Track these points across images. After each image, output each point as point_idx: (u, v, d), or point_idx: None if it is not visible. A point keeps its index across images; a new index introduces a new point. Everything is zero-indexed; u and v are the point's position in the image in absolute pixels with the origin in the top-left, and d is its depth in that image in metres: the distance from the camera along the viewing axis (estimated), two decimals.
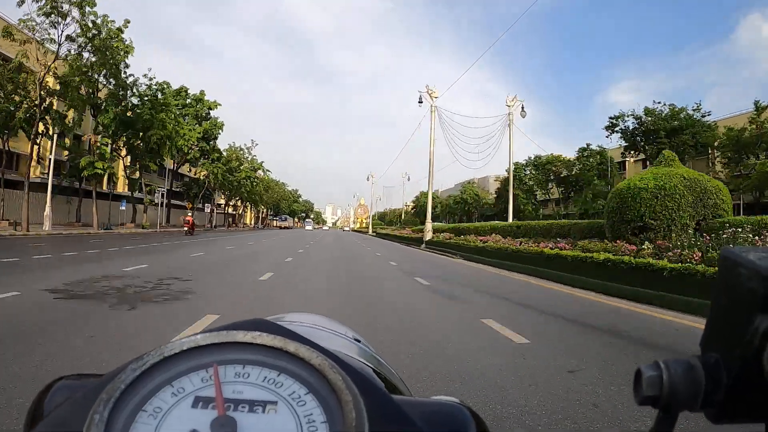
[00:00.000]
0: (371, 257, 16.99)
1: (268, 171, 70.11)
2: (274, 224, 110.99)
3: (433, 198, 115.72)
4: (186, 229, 31.28)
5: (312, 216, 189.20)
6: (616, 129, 42.61)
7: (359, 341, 0.60)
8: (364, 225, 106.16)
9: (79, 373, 0.34)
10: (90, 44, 23.82)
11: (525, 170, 59.76)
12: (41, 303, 5.17)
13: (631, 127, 39.60)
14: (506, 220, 27.34)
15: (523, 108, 26.86)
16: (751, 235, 8.25)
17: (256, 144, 67.73)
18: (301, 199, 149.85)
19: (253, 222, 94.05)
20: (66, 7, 22.06)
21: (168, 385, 0.28)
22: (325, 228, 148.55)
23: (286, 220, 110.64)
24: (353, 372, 0.29)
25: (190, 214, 34.89)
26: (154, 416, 0.26)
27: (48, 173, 25.84)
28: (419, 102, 27.51)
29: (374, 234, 60.28)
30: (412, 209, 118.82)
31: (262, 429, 0.26)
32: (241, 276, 8.98)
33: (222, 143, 60.02)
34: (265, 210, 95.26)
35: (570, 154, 56.13)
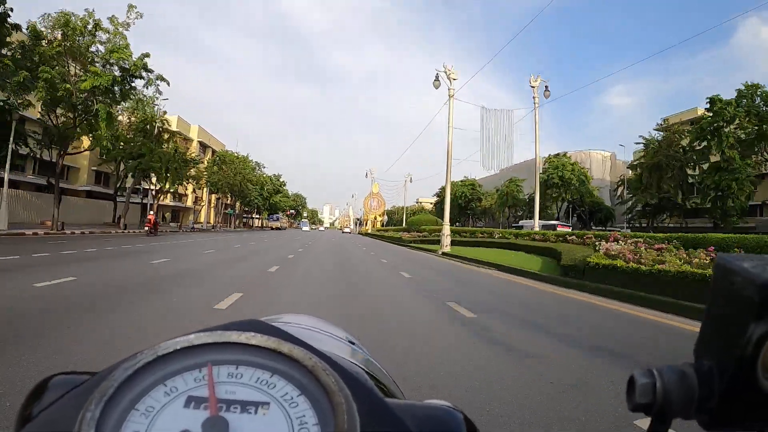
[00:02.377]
0: None
1: (160, 80, 23.80)
2: (254, 224, 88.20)
3: (473, 187, 77.39)
4: (147, 228, 25.09)
5: (306, 214, 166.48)
6: None
7: (353, 343, 0.60)
8: (379, 226, 74.60)
9: (71, 371, 0.34)
10: None
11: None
12: None
13: None
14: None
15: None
16: None
17: (138, 14, 22.85)
18: (287, 191, 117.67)
19: (209, 221, 61.00)
20: None
21: (161, 384, 0.28)
22: (321, 229, 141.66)
23: (278, 219, 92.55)
24: (346, 374, 0.29)
25: (152, 212, 27.48)
26: (146, 415, 0.26)
27: None
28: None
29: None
30: (434, 204, 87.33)
31: (254, 430, 0.26)
32: None
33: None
34: (229, 199, 62.60)
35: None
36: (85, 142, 27.68)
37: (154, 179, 34.69)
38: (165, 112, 35.14)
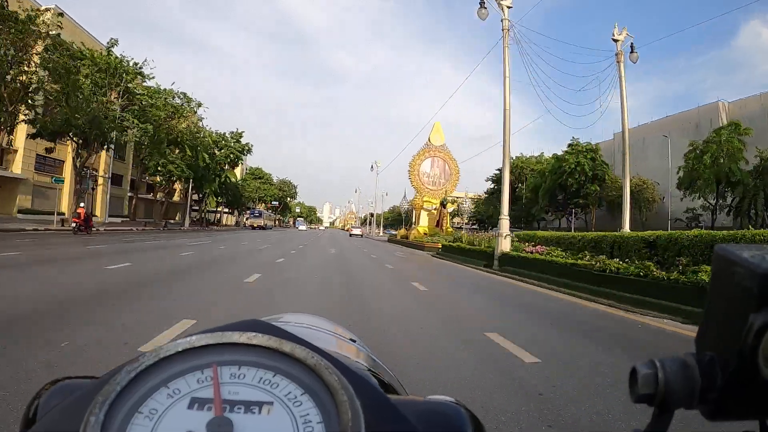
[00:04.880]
0: None
1: None
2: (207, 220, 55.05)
3: (594, 158, 43.60)
4: (75, 224, 18.54)
5: (300, 210, 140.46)
6: None
7: (355, 341, 0.61)
8: (449, 227, 32.26)
9: (75, 375, 0.34)
10: None
11: None
12: None
13: None
14: None
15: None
16: None
17: None
18: (270, 176, 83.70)
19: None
20: None
21: (164, 386, 0.28)
22: (322, 228, 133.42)
23: (260, 215, 64.15)
24: (349, 372, 0.29)
25: (82, 204, 20.07)
26: (150, 418, 0.26)
27: None
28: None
29: None
30: (489, 193, 59.55)
31: (259, 430, 0.26)
32: None
33: None
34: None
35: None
36: None
37: None
38: None
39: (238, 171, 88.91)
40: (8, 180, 28.01)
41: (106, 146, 26.38)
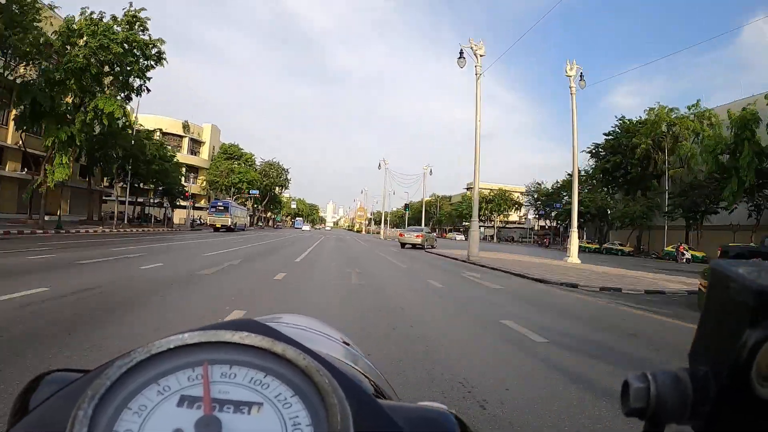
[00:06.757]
0: None
1: None
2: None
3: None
4: None
5: (295, 205, 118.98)
6: None
7: (348, 344, 0.62)
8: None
9: (66, 369, 0.33)
10: None
11: None
12: None
13: None
14: None
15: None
16: None
17: None
18: (251, 155, 61.43)
19: None
20: None
21: (154, 383, 0.28)
22: (327, 228, 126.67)
23: (226, 210, 36.77)
24: (340, 375, 0.29)
25: None
26: (139, 414, 0.26)
27: None
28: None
29: None
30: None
31: (247, 430, 0.26)
32: None
33: None
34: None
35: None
36: None
37: None
38: None
39: (204, 149, 61.60)
40: None
41: None
